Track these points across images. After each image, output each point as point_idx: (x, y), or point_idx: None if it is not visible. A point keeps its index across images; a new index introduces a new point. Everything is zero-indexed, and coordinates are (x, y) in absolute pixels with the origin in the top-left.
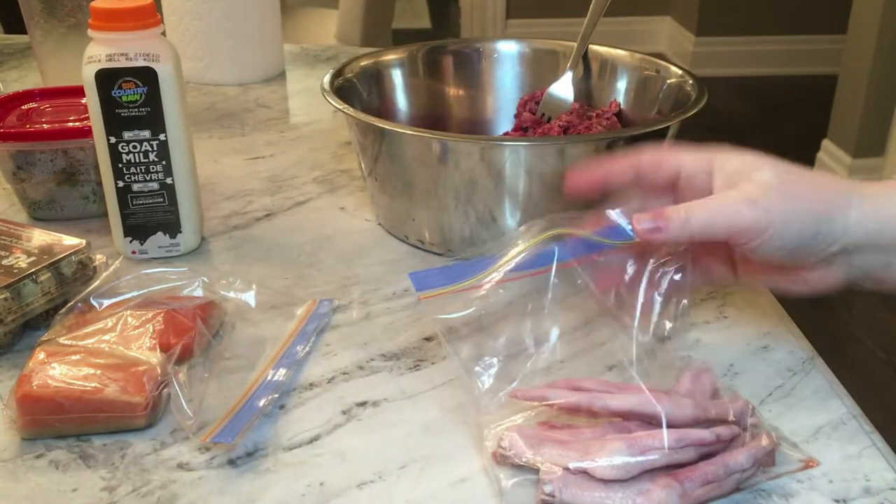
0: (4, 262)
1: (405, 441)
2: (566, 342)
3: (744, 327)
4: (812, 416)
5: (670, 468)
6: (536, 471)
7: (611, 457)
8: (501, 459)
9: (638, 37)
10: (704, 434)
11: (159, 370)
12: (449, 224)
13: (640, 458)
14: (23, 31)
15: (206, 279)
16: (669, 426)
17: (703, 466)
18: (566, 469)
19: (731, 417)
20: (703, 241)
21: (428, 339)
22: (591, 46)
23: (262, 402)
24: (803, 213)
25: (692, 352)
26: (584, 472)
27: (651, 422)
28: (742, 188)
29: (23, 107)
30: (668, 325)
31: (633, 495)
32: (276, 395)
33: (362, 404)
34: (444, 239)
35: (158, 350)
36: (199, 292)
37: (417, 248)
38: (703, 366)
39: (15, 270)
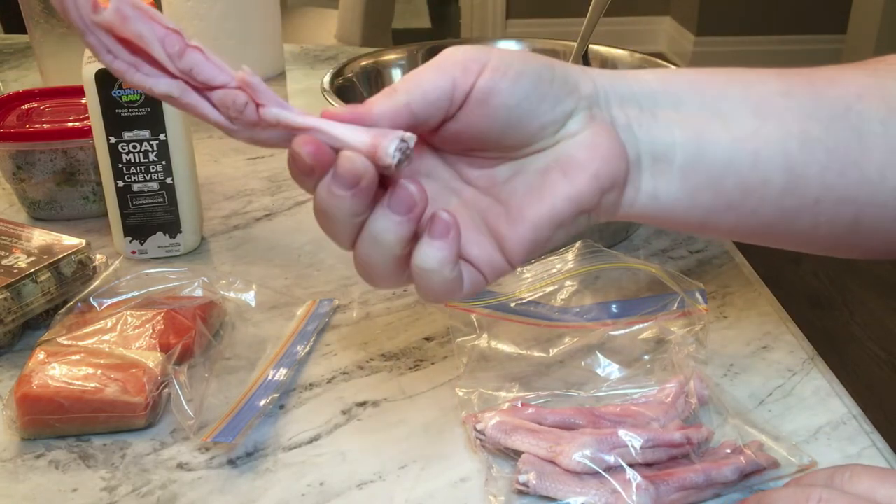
0: (4, 262)
1: (405, 441)
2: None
3: (744, 327)
4: (812, 416)
5: (647, 468)
6: (516, 454)
7: (580, 450)
8: (478, 442)
9: (638, 37)
10: (675, 436)
11: (159, 370)
12: None
13: (607, 455)
14: (23, 31)
15: (206, 279)
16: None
17: (681, 471)
18: (541, 458)
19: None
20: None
21: (428, 338)
22: (591, 46)
23: (262, 402)
24: (528, 58)
25: (694, 353)
26: (557, 465)
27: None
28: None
29: (23, 107)
30: None
31: (607, 493)
32: (277, 395)
33: (362, 404)
34: None
35: (158, 350)
36: (199, 292)
37: None
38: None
39: (15, 270)
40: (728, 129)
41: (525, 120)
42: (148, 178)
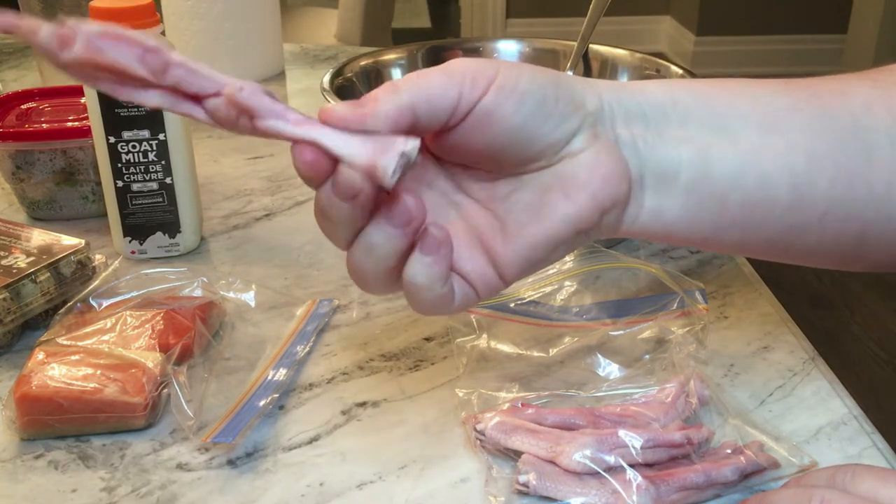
0: (4, 262)
1: (405, 441)
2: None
3: (744, 327)
4: (812, 416)
5: (647, 468)
6: (516, 454)
7: (580, 451)
8: (477, 442)
9: (638, 36)
10: (675, 436)
11: (159, 370)
12: None
13: (607, 456)
14: None
15: (205, 279)
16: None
17: (682, 472)
18: (541, 459)
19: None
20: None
21: (428, 339)
22: (591, 46)
23: (262, 403)
24: (536, 75)
25: (694, 353)
26: (557, 465)
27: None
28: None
29: (22, 106)
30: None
31: (607, 493)
32: (276, 396)
33: (362, 404)
34: None
35: (158, 350)
36: (198, 292)
37: None
38: (685, 382)
39: (14, 270)
40: (735, 144)
41: (525, 142)
42: (147, 178)
